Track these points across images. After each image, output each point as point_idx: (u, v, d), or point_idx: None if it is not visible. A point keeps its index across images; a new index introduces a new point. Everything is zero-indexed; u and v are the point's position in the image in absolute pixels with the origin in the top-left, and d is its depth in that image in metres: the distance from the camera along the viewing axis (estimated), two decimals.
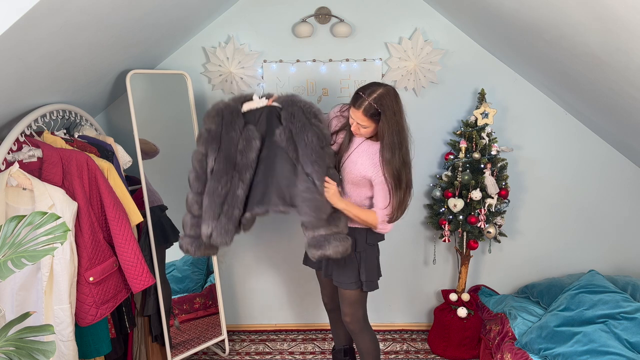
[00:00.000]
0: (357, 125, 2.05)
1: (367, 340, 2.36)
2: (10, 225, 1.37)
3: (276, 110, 2.20)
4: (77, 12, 1.68)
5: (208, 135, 2.15)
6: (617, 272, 3.08)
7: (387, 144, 2.02)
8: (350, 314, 2.31)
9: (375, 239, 2.28)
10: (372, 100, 1.97)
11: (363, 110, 1.99)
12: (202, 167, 2.17)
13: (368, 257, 2.26)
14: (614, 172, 2.99)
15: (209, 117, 2.18)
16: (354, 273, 2.23)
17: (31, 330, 1.36)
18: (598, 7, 1.61)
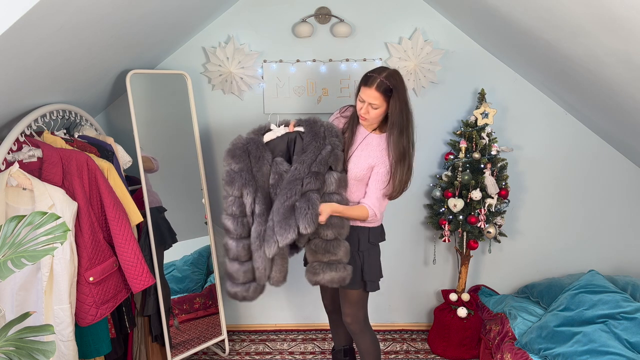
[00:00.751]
0: (368, 107, 2.04)
1: (367, 341, 2.35)
2: (10, 225, 1.37)
3: (299, 135, 2.16)
4: (77, 12, 1.68)
5: (238, 175, 2.04)
6: (617, 272, 3.08)
7: (397, 123, 2.03)
8: (352, 314, 2.30)
9: (377, 239, 2.27)
10: (383, 77, 2.00)
11: (376, 87, 1.99)
12: (241, 210, 2.06)
13: (370, 257, 2.25)
14: (614, 172, 2.99)
15: (234, 156, 2.06)
16: (357, 273, 2.22)
17: (31, 330, 1.36)
18: (598, 7, 1.61)
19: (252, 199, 2.04)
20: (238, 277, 2.11)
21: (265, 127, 2.17)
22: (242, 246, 2.08)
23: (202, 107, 2.95)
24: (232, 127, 2.98)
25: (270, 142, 2.13)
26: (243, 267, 2.10)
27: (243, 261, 2.10)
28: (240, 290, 2.14)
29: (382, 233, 2.31)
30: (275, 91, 2.91)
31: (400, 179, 2.08)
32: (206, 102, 2.97)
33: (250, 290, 2.15)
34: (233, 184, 2.04)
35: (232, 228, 2.06)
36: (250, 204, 2.05)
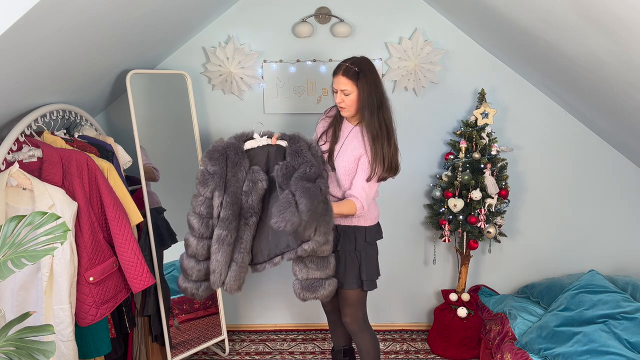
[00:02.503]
0: (341, 95, 2.09)
1: (367, 341, 2.36)
2: (10, 225, 1.37)
3: (281, 148, 2.18)
4: (77, 12, 1.68)
5: (212, 178, 2.05)
6: (617, 272, 3.08)
7: (367, 104, 2.06)
8: (351, 314, 2.31)
9: (374, 237, 2.28)
10: (349, 63, 2.07)
11: (342, 72, 2.06)
12: (208, 211, 2.08)
13: (368, 256, 2.26)
14: (614, 172, 2.99)
15: (212, 158, 2.08)
16: (355, 272, 2.23)
17: (31, 330, 1.36)
18: (598, 7, 1.61)
19: (219, 203, 2.06)
20: (192, 274, 2.14)
21: (248, 135, 2.19)
22: (202, 245, 2.10)
23: (202, 107, 2.95)
24: (232, 127, 2.98)
25: (250, 150, 2.15)
26: (198, 265, 2.12)
27: (200, 260, 2.12)
28: (191, 286, 2.16)
29: (378, 231, 2.33)
30: (275, 91, 2.91)
31: (382, 157, 2.08)
32: (206, 102, 2.97)
33: (200, 289, 2.17)
34: (206, 185, 2.06)
35: (196, 226, 2.08)
36: (217, 206, 2.06)
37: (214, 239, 2.06)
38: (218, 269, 2.07)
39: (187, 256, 2.15)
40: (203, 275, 2.14)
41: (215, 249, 2.06)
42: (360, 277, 2.24)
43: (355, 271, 2.23)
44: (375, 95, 2.07)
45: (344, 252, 2.22)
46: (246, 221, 2.10)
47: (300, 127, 2.97)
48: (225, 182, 2.06)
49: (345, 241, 2.22)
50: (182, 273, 2.19)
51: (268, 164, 2.17)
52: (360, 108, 2.10)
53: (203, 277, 2.14)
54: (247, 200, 2.08)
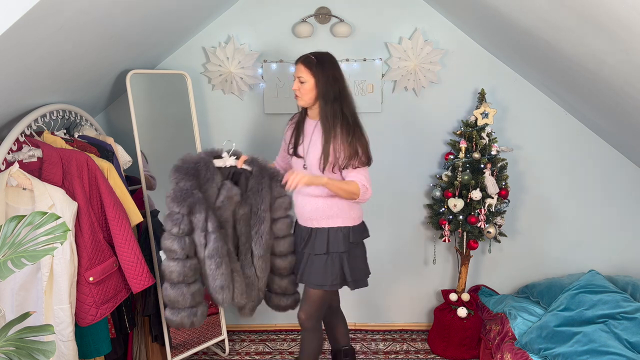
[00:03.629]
0: (297, 83, 2.12)
1: (314, 340, 2.35)
2: (10, 225, 1.37)
3: (245, 173, 2.20)
4: (77, 12, 1.68)
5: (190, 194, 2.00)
6: (617, 272, 3.08)
7: (322, 93, 2.08)
8: (308, 311, 2.28)
9: (358, 237, 2.25)
10: (310, 53, 2.12)
11: (302, 61, 2.11)
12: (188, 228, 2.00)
13: (352, 257, 2.23)
14: (614, 172, 2.99)
15: (186, 174, 2.03)
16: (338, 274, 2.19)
17: (31, 330, 1.36)
18: (598, 7, 1.61)
19: (204, 217, 2.01)
20: (185, 301, 2.02)
21: (217, 152, 2.19)
22: (188, 266, 2.00)
23: (202, 107, 2.95)
24: (232, 127, 2.98)
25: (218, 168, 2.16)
26: (190, 288, 2.03)
27: (190, 283, 2.02)
28: (187, 314, 2.04)
29: (364, 231, 2.30)
30: (275, 91, 2.91)
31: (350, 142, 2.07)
32: (206, 102, 2.97)
33: (198, 313, 2.06)
34: (183, 202, 1.98)
35: (178, 248, 1.98)
36: (203, 221, 2.01)
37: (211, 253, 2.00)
38: (227, 283, 2.02)
39: (173, 285, 2.02)
40: (198, 298, 2.06)
41: (217, 264, 2.00)
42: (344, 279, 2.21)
43: (329, 273, 2.18)
44: (332, 87, 2.08)
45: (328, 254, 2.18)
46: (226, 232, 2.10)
47: None
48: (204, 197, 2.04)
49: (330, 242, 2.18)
50: (171, 306, 2.04)
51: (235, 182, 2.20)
52: (315, 98, 2.11)
53: (198, 300, 2.06)
54: (222, 214, 2.08)
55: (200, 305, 2.09)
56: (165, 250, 2.00)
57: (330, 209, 2.18)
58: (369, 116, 2.96)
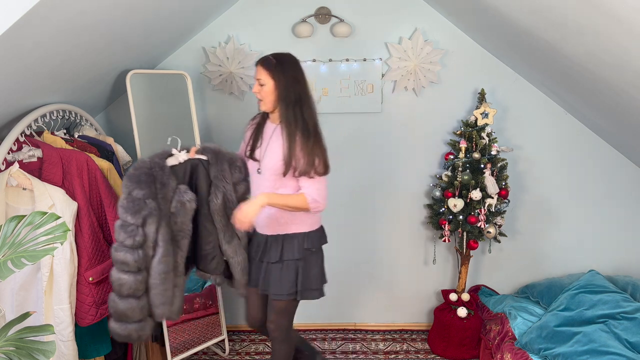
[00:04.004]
0: (257, 85, 2.04)
1: (284, 350, 2.28)
2: (10, 225, 1.37)
3: (201, 162, 2.12)
4: (77, 13, 1.68)
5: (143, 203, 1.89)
6: (617, 272, 3.08)
7: (282, 97, 2.00)
8: (276, 322, 2.21)
9: (314, 244, 2.15)
10: (271, 55, 2.04)
11: (261, 63, 2.03)
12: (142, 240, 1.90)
13: (308, 264, 2.13)
14: (614, 172, 2.99)
15: (140, 182, 1.90)
16: (286, 283, 2.10)
17: (31, 330, 1.36)
18: (598, 7, 1.61)
19: (155, 228, 1.92)
20: (134, 315, 1.93)
21: (168, 152, 2.07)
22: (140, 280, 1.92)
23: (202, 107, 2.95)
24: (232, 127, 2.98)
25: (172, 167, 2.04)
26: (140, 302, 1.94)
27: (139, 296, 1.94)
28: (135, 328, 1.96)
29: (321, 237, 2.21)
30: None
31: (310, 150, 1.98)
32: (206, 102, 2.96)
33: (146, 327, 1.98)
34: (138, 212, 1.87)
35: (131, 260, 1.88)
36: (154, 232, 1.92)
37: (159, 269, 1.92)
38: (167, 300, 1.95)
39: (122, 298, 1.92)
40: (146, 312, 1.98)
41: (161, 279, 1.93)
42: (296, 287, 2.11)
43: (286, 282, 2.10)
44: (293, 90, 2.00)
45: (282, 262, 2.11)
46: (178, 244, 2.01)
47: None
48: (158, 205, 1.93)
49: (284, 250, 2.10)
50: (119, 319, 1.94)
51: (192, 179, 2.10)
52: (276, 101, 2.03)
53: (146, 314, 1.98)
54: (177, 222, 1.98)
55: (148, 318, 2.00)
56: (117, 262, 1.90)
57: (283, 215, 2.09)
58: (369, 116, 2.96)
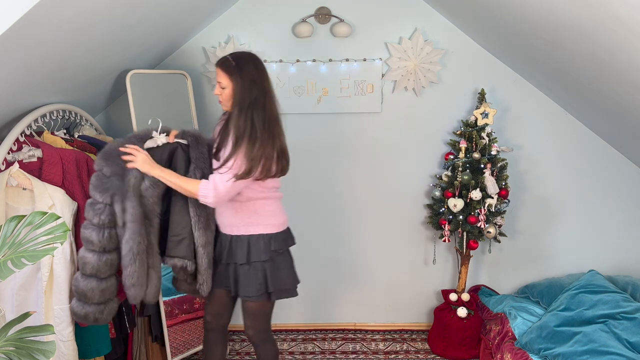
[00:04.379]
0: (218, 87, 1.99)
1: (269, 352, 2.25)
2: (10, 225, 1.37)
3: (181, 146, 2.09)
4: (77, 12, 1.68)
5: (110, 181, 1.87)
6: (617, 272, 3.08)
7: (237, 101, 1.94)
8: (253, 326, 2.18)
9: (280, 246, 2.11)
10: (230, 55, 1.98)
11: (220, 64, 1.97)
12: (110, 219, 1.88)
13: (276, 266, 2.09)
14: (614, 172, 2.99)
15: (108, 159, 1.88)
16: (255, 285, 2.06)
17: (31, 330, 1.36)
18: (598, 7, 1.61)
19: (121, 208, 1.88)
20: (93, 296, 1.89)
21: (147, 134, 2.05)
22: (104, 261, 1.88)
23: (202, 107, 2.95)
24: None
25: (150, 149, 2.01)
26: (101, 285, 1.90)
27: (102, 278, 1.90)
28: (93, 311, 1.92)
29: (287, 238, 2.17)
30: (275, 91, 2.90)
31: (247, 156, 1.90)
32: (206, 102, 2.96)
33: (105, 312, 1.94)
34: (105, 190, 1.86)
35: (95, 239, 1.86)
36: (120, 212, 1.88)
37: (127, 250, 1.87)
38: (138, 281, 1.90)
39: (84, 277, 1.90)
40: (108, 295, 1.95)
41: (129, 260, 1.88)
42: (266, 288, 2.07)
43: (255, 284, 2.06)
44: (249, 94, 1.93)
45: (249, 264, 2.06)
46: (151, 223, 1.97)
47: (300, 127, 2.98)
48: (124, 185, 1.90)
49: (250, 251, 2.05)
50: (79, 297, 1.92)
51: (170, 162, 2.07)
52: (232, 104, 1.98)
53: (107, 297, 1.95)
54: (148, 203, 1.94)
55: (110, 302, 1.96)
56: (84, 239, 1.89)
57: (248, 216, 2.05)
58: (369, 116, 2.96)
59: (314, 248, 3.15)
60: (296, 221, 3.10)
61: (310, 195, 3.08)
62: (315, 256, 3.17)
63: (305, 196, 3.08)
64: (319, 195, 3.08)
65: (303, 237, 3.15)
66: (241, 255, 2.06)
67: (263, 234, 2.07)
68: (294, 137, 2.99)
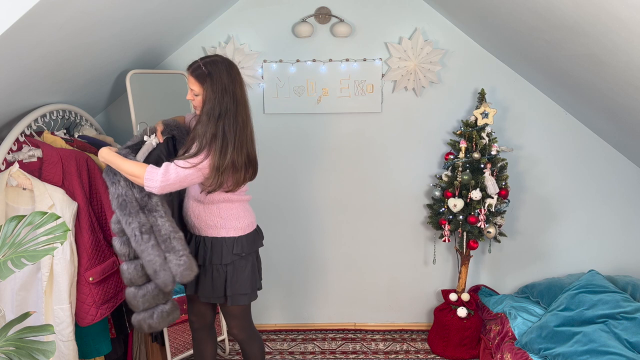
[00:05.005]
0: (191, 92, 1.95)
1: (255, 347, 2.26)
2: (10, 225, 1.37)
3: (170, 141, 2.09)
4: (77, 12, 1.68)
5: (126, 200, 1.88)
6: (617, 272, 3.08)
7: (207, 110, 1.88)
8: (237, 325, 2.19)
9: (244, 249, 2.07)
10: (202, 62, 1.91)
11: (191, 71, 1.91)
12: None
13: (236, 269, 2.06)
14: (614, 172, 2.99)
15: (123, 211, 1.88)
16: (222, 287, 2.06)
17: (31, 330, 1.36)
18: (598, 6, 1.61)
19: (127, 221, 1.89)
20: (137, 304, 1.94)
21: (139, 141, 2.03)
22: (133, 267, 1.91)
23: None
24: None
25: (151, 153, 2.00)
26: (141, 291, 1.93)
27: (140, 285, 1.94)
28: (143, 317, 1.96)
29: (254, 241, 2.13)
30: (275, 91, 2.91)
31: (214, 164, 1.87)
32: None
33: (154, 316, 1.96)
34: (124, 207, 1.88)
35: (118, 250, 1.92)
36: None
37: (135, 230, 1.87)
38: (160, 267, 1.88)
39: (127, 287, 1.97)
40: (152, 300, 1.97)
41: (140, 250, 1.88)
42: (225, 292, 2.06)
43: (216, 284, 2.06)
44: (220, 103, 1.88)
45: (211, 266, 2.05)
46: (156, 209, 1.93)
47: (300, 127, 2.98)
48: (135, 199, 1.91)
49: (212, 254, 2.04)
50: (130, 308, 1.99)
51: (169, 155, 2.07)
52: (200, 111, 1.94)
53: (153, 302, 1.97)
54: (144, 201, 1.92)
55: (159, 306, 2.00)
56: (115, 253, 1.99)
57: (211, 218, 2.03)
58: (369, 116, 2.96)
59: (313, 248, 3.15)
60: (295, 221, 3.12)
61: (310, 195, 3.08)
62: (315, 256, 3.17)
63: (305, 196, 3.08)
64: (319, 196, 3.09)
65: (302, 237, 3.17)
66: (203, 257, 2.05)
67: (226, 237, 2.04)
68: (294, 137, 3.01)
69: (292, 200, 3.10)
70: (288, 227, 3.13)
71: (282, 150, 3.02)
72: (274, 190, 3.08)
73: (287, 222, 3.12)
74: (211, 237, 2.05)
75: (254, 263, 2.14)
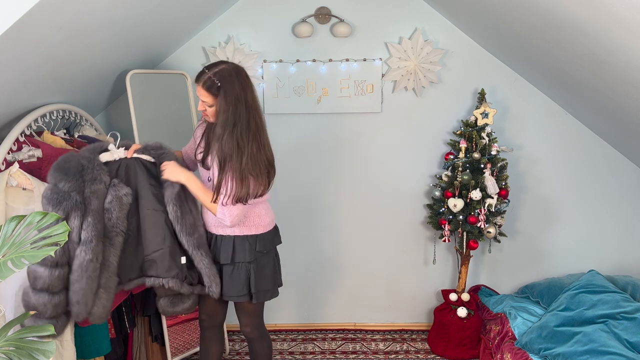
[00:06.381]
0: (202, 104, 1.96)
1: (264, 345, 2.28)
2: (10, 225, 1.37)
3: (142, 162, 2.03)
4: (77, 12, 1.68)
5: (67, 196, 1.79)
6: (617, 272, 3.08)
7: (221, 122, 1.90)
8: (249, 324, 2.21)
9: (266, 246, 2.10)
10: (212, 73, 1.90)
11: (202, 84, 1.92)
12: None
13: (260, 266, 2.09)
14: (614, 172, 2.99)
15: (67, 174, 1.81)
16: (244, 285, 2.07)
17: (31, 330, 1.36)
18: (598, 7, 1.61)
19: (79, 223, 1.82)
20: (46, 310, 1.80)
21: (103, 147, 1.98)
22: (57, 275, 1.80)
23: None
24: None
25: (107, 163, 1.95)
26: (54, 299, 1.81)
27: (54, 292, 1.81)
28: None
29: (274, 238, 2.17)
30: (275, 91, 2.91)
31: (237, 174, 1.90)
32: None
33: (58, 325, 1.86)
34: (59, 204, 1.78)
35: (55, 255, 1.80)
36: (78, 228, 1.82)
37: (76, 266, 1.81)
38: (83, 299, 1.82)
39: (35, 291, 1.81)
40: (61, 309, 1.85)
41: (77, 277, 1.81)
42: (248, 289, 2.08)
43: (243, 284, 2.07)
44: (233, 113, 1.89)
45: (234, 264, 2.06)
46: (111, 242, 1.91)
47: (300, 127, 2.98)
48: (83, 200, 1.83)
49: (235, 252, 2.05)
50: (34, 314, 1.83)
51: (129, 177, 2.00)
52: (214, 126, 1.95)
53: (61, 311, 1.86)
54: (111, 218, 1.89)
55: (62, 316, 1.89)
56: None
57: None
58: (369, 116, 2.96)
59: (314, 248, 3.16)
60: (296, 221, 3.12)
61: (310, 195, 3.08)
62: (315, 256, 3.17)
63: (305, 196, 3.08)
64: (319, 195, 3.09)
65: (302, 237, 3.16)
66: (225, 255, 2.06)
67: (248, 235, 2.07)
68: (294, 137, 3.01)
69: (291, 200, 3.10)
70: (287, 227, 3.12)
71: (282, 151, 3.01)
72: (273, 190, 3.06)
73: (286, 222, 3.11)
74: (233, 236, 2.06)
75: (275, 260, 2.18)
